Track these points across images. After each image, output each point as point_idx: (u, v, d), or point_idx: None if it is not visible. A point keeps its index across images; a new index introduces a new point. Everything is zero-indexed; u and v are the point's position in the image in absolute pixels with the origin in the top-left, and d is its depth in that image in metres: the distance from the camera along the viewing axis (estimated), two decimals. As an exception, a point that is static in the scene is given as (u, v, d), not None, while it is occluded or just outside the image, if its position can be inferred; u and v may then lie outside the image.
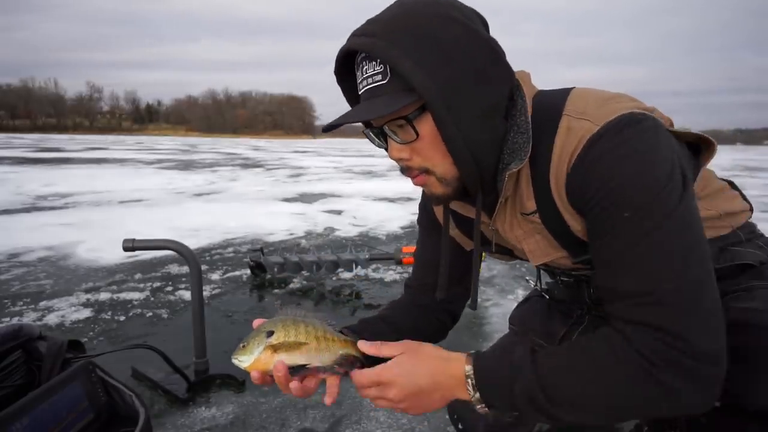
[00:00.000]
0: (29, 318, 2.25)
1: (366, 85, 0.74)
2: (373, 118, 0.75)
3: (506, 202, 0.84)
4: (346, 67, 0.80)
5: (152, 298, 2.54)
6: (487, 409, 0.75)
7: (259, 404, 1.55)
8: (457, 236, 1.02)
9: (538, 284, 1.24)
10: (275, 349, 0.76)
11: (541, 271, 1.19)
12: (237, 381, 1.66)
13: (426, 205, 1.08)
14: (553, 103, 0.79)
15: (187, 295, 2.56)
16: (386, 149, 0.81)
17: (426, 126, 0.73)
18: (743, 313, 0.77)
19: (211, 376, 1.67)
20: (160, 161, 14.98)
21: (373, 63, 0.72)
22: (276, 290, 2.71)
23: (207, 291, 2.64)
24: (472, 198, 0.83)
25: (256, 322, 0.82)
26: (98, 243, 3.69)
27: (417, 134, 0.74)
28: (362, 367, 0.85)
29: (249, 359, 0.76)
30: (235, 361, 0.77)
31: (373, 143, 0.84)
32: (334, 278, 2.93)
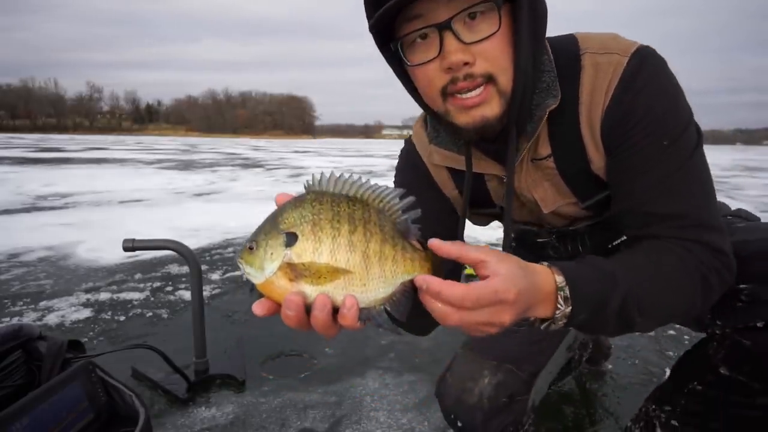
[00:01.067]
0: (29, 318, 2.25)
1: None
2: None
3: (522, 153, 0.84)
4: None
5: (152, 298, 2.54)
6: (563, 324, 0.66)
7: (259, 404, 1.55)
8: (454, 199, 0.99)
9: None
10: (296, 274, 0.48)
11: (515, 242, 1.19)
12: (237, 381, 1.66)
13: (418, 168, 1.00)
14: (565, 45, 0.80)
15: (187, 295, 2.56)
16: (410, 65, 0.74)
17: (504, 19, 0.70)
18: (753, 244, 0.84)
19: (211, 376, 1.67)
20: (160, 161, 14.97)
21: None
22: (276, 290, 2.71)
23: (207, 291, 2.64)
24: (493, 141, 0.81)
25: (280, 198, 0.56)
26: (98, 243, 3.69)
27: (500, 24, 0.69)
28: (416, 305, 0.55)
29: (258, 276, 0.50)
30: (241, 267, 0.51)
31: (403, 56, 0.74)
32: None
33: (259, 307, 0.54)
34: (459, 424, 1.13)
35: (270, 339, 2.04)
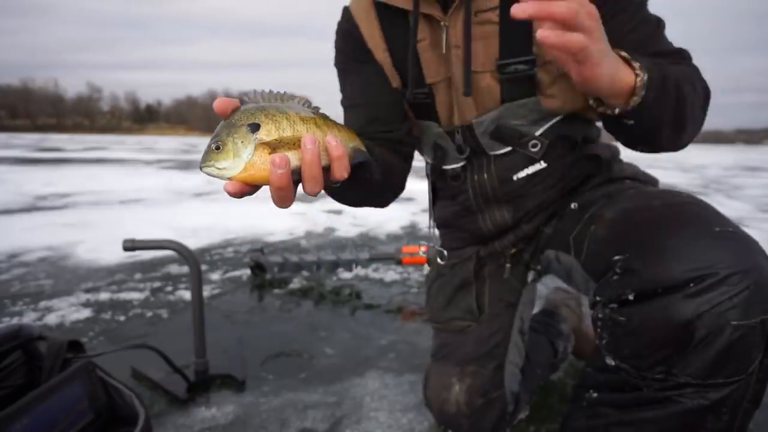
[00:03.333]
0: (29, 318, 2.25)
1: None
2: None
3: None
4: None
5: (152, 298, 2.54)
6: (641, 97, 0.74)
7: (259, 404, 1.55)
8: (387, 66, 0.98)
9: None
10: (272, 148, 0.55)
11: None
12: (237, 381, 1.66)
13: (350, 32, 0.99)
14: None
15: (187, 295, 2.56)
16: None
17: None
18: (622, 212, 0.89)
19: (211, 376, 1.67)
20: (160, 161, 14.97)
21: None
22: (276, 290, 2.71)
23: (207, 291, 2.64)
24: None
25: (220, 106, 0.58)
26: (98, 243, 3.69)
27: None
28: (369, 161, 0.68)
29: (237, 165, 0.54)
30: (210, 170, 0.56)
31: None
32: (334, 278, 2.93)
33: (232, 186, 0.56)
34: None
35: (270, 339, 2.04)
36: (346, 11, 1.02)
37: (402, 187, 1.05)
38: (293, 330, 2.16)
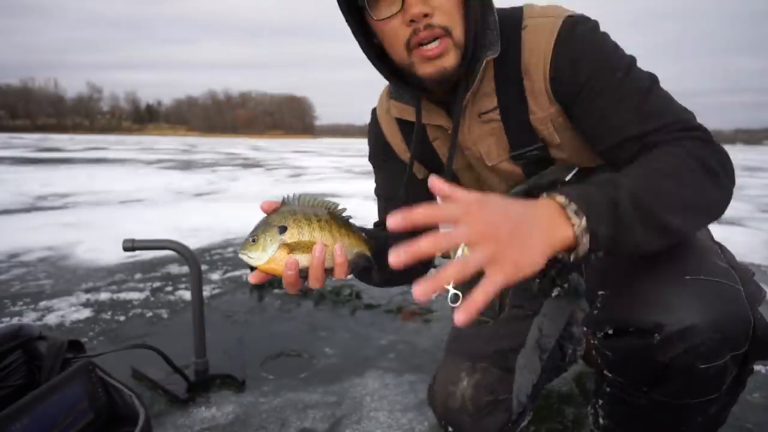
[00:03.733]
0: (29, 318, 2.25)
1: None
2: None
3: (466, 105, 0.94)
4: None
5: (152, 298, 2.54)
6: (587, 241, 0.65)
7: (259, 404, 1.55)
8: (408, 160, 1.07)
9: None
10: (291, 249, 0.70)
11: None
12: (237, 381, 1.66)
13: (378, 136, 1.13)
14: (511, 12, 0.93)
15: (187, 295, 2.56)
16: (379, 19, 0.84)
17: None
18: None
19: (211, 376, 1.67)
20: (160, 161, 14.98)
21: None
22: (276, 290, 2.71)
23: (207, 291, 2.64)
24: (445, 92, 0.92)
25: (266, 206, 0.76)
26: (98, 243, 3.69)
27: None
28: (371, 266, 0.80)
29: (263, 257, 0.70)
30: (244, 257, 0.72)
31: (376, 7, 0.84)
32: (334, 278, 2.93)
33: (254, 277, 0.75)
34: (450, 429, 1.16)
35: (270, 339, 2.04)
36: (374, 114, 1.15)
37: (429, 267, 1.16)
38: (293, 330, 2.16)
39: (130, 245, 1.52)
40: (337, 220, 0.76)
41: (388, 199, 1.14)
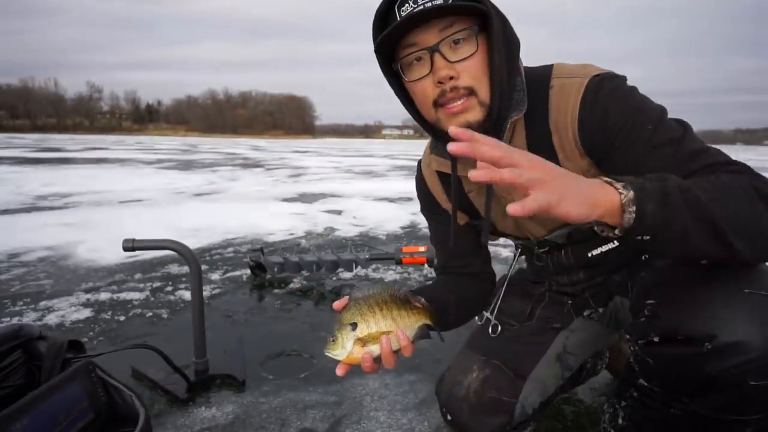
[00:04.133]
0: (29, 318, 2.25)
1: (423, 9, 0.83)
2: (455, 5, 0.82)
3: None
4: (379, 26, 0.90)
5: (152, 298, 2.54)
6: (634, 212, 0.67)
7: (259, 404, 1.55)
8: (451, 210, 1.13)
9: (513, 264, 1.37)
10: (363, 342, 0.83)
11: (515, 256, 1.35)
12: (237, 381, 1.66)
13: (423, 190, 1.21)
14: (540, 71, 0.96)
15: (187, 295, 2.56)
16: (407, 81, 0.90)
17: (481, 44, 0.86)
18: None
19: (211, 376, 1.67)
20: (160, 161, 14.98)
21: None
22: (276, 290, 2.71)
23: (207, 291, 2.64)
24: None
25: (337, 305, 0.87)
26: (98, 243, 3.69)
27: (477, 47, 0.85)
28: (429, 330, 0.90)
29: (343, 354, 0.83)
30: (329, 355, 0.84)
31: (403, 74, 0.91)
32: (334, 278, 2.93)
33: (340, 369, 0.84)
34: (449, 417, 1.17)
35: (270, 339, 2.04)
36: (419, 167, 1.22)
37: (485, 305, 1.26)
38: (293, 330, 2.16)
39: (130, 245, 1.52)
40: (397, 302, 0.86)
41: (440, 247, 1.23)
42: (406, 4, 0.85)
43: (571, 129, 0.90)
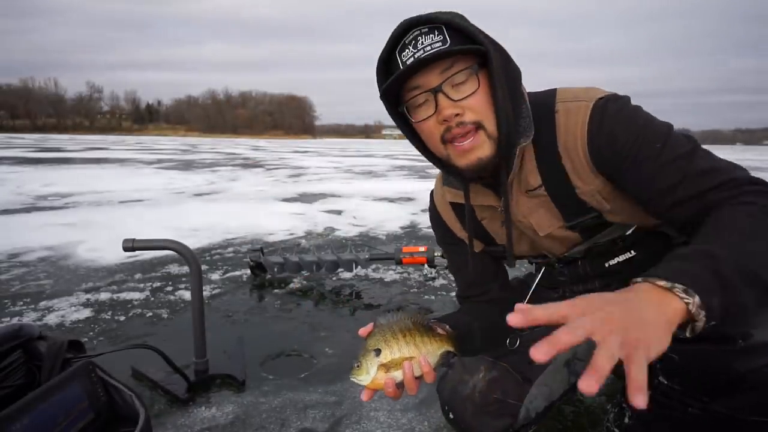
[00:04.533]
0: (29, 318, 2.25)
1: (423, 54, 0.85)
2: (453, 49, 0.84)
3: (512, 183, 1.00)
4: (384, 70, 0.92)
5: (152, 298, 2.54)
6: (704, 315, 0.63)
7: (259, 404, 1.55)
8: (466, 238, 1.15)
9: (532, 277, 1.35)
10: (387, 368, 0.85)
11: (533, 268, 1.32)
12: (237, 381, 1.66)
13: (438, 222, 1.22)
14: (544, 97, 0.98)
15: (187, 295, 2.57)
16: (414, 122, 0.92)
17: (482, 80, 0.88)
18: None
19: (211, 376, 1.67)
20: (160, 161, 14.98)
21: (431, 36, 0.86)
22: (276, 290, 2.71)
23: (207, 291, 2.64)
24: (490, 177, 0.97)
25: (362, 332, 0.90)
26: (98, 243, 3.69)
27: (479, 84, 0.87)
28: (453, 356, 0.91)
29: (367, 379, 0.86)
30: (354, 380, 0.87)
31: (409, 114, 0.93)
32: (334, 278, 2.93)
33: (365, 395, 0.85)
34: (451, 415, 1.17)
35: (270, 339, 2.04)
36: (432, 200, 1.24)
37: (507, 330, 1.22)
38: (293, 330, 2.16)
39: (130, 245, 1.52)
40: (420, 329, 0.88)
41: (459, 275, 1.25)
42: (407, 50, 0.87)
43: (581, 150, 0.92)
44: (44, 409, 1.02)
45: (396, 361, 0.85)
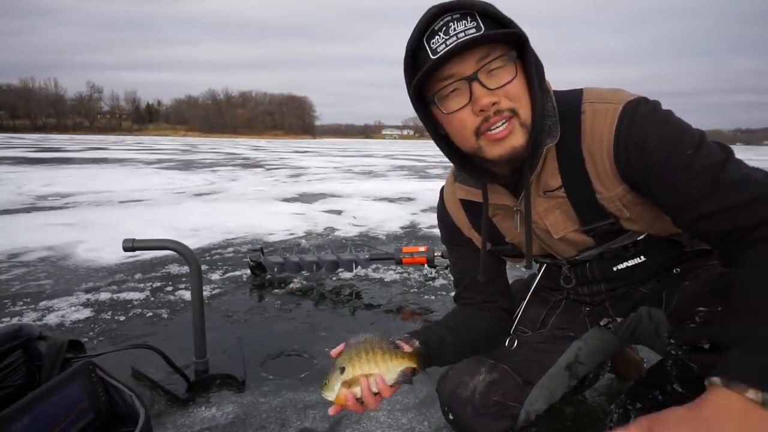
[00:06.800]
0: (29, 318, 2.25)
1: (456, 40, 0.81)
2: (491, 34, 0.81)
3: (531, 182, 0.96)
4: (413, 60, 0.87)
5: (152, 298, 2.54)
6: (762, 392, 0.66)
7: (259, 404, 1.55)
8: (476, 239, 1.14)
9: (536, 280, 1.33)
10: (349, 384, 0.90)
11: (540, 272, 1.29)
12: (237, 381, 1.66)
13: (446, 221, 1.20)
14: (570, 96, 0.95)
15: (187, 295, 2.57)
16: (446, 112, 0.87)
17: (518, 68, 0.85)
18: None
19: (211, 376, 1.67)
20: (160, 161, 14.98)
21: (464, 21, 0.81)
22: (276, 290, 2.71)
23: (207, 291, 2.64)
24: (511, 175, 0.96)
25: (334, 352, 0.94)
26: (98, 243, 3.69)
27: (516, 72, 0.84)
28: (414, 373, 0.95)
29: (332, 395, 0.91)
30: (323, 395, 0.93)
31: (439, 107, 0.88)
32: (334, 278, 2.93)
33: (333, 410, 0.91)
34: (451, 416, 1.16)
35: (270, 339, 2.04)
36: (441, 196, 1.22)
37: (496, 338, 1.21)
38: (293, 330, 2.16)
39: (130, 245, 1.52)
40: (383, 347, 0.93)
41: (461, 277, 1.22)
42: (437, 36, 0.82)
43: (606, 155, 0.89)
44: (44, 409, 1.02)
45: (356, 378, 0.90)
